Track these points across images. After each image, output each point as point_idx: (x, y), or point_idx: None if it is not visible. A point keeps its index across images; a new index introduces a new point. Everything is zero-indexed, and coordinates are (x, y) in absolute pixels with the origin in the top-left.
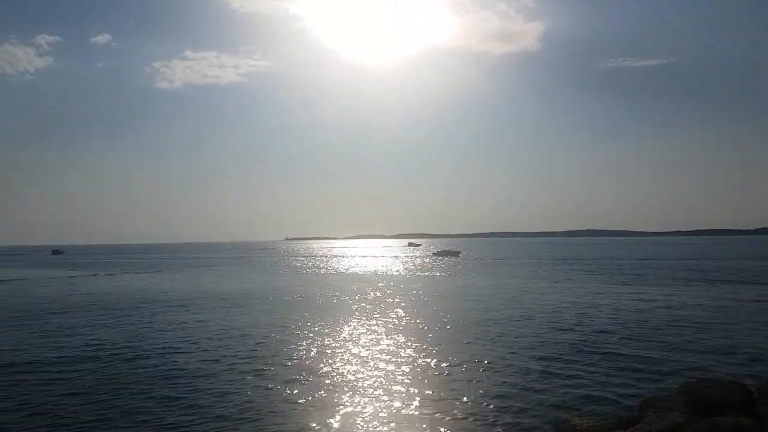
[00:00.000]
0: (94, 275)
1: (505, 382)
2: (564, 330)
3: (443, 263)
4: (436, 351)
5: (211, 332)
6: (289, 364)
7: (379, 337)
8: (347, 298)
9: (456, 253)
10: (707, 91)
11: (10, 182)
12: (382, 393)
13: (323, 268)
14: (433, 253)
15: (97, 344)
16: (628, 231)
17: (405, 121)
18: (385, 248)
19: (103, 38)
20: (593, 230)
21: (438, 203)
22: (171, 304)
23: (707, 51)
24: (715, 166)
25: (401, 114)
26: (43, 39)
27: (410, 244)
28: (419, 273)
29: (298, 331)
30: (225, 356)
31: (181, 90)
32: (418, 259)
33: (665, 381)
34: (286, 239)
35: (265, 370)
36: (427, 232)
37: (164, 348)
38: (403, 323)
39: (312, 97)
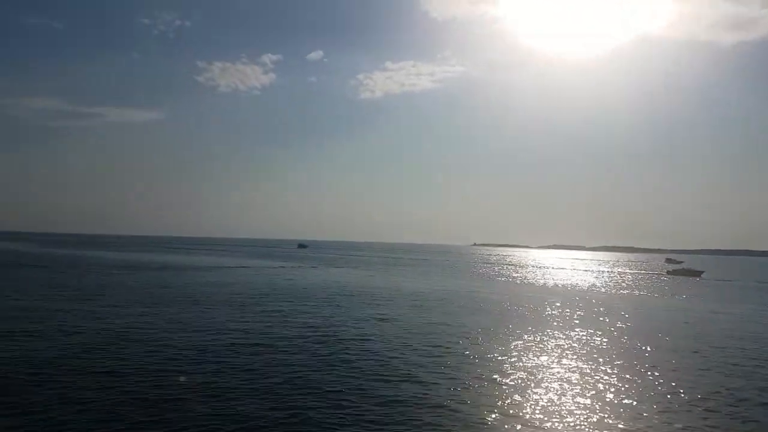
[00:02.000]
0: (299, 267)
1: None
2: None
3: (681, 285)
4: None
5: (391, 329)
6: (475, 370)
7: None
8: (554, 312)
9: (697, 273)
10: None
11: (250, 181)
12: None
13: (520, 277)
14: (668, 272)
15: (302, 327)
16: None
17: (611, 118)
18: (601, 261)
19: (316, 55)
20: None
21: (649, 212)
22: (356, 299)
23: None
24: None
25: (606, 111)
26: (268, 58)
27: (668, 261)
28: (650, 295)
29: (487, 338)
30: (405, 354)
31: (381, 99)
32: (643, 277)
33: None
34: (474, 245)
35: (450, 374)
36: (634, 246)
37: (354, 337)
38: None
39: (509, 98)
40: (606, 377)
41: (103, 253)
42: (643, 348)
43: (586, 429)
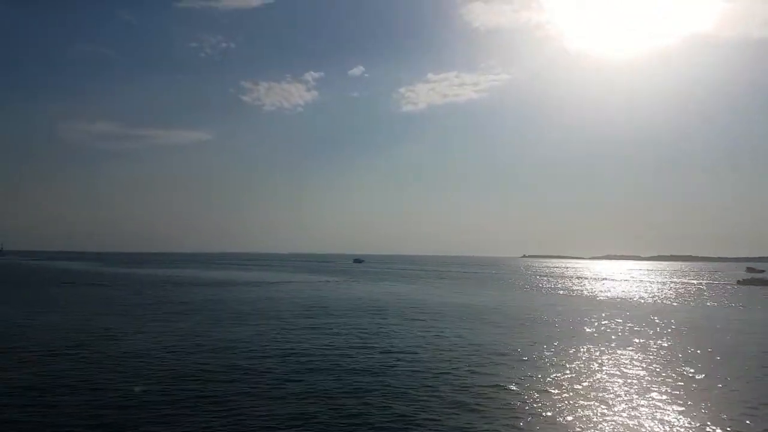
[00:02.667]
0: (346, 281)
1: None
2: None
3: (754, 296)
4: None
5: (439, 342)
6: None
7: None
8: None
9: None
10: None
11: (300, 197)
12: None
13: (578, 289)
14: (738, 282)
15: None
16: None
17: (663, 122)
18: (662, 271)
19: (357, 70)
20: None
21: (707, 220)
22: (395, 313)
23: None
24: None
25: (658, 114)
26: (310, 75)
27: (749, 270)
28: (724, 305)
29: (543, 353)
30: (454, 368)
31: (424, 111)
32: (712, 287)
33: None
34: (524, 256)
35: (503, 387)
36: (693, 254)
37: (396, 349)
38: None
39: (557, 104)
40: (669, 395)
41: (161, 270)
42: (715, 366)
43: None
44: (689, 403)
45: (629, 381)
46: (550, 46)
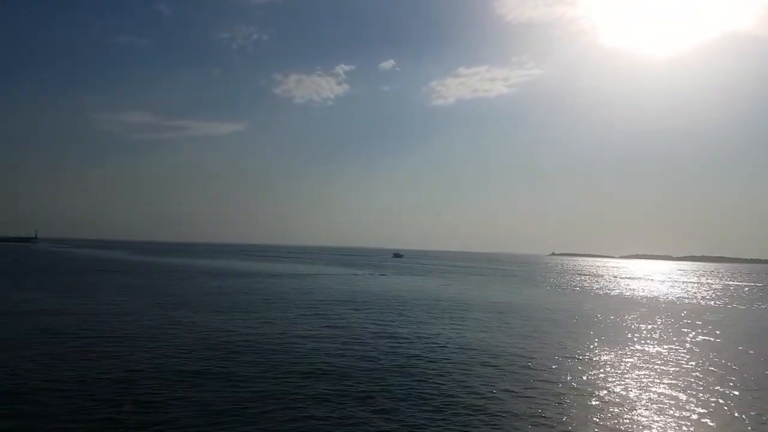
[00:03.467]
0: (371, 274)
1: None
2: None
3: None
4: None
5: (461, 341)
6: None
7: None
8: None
9: None
10: None
11: (333, 189)
12: None
13: (612, 288)
14: None
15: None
16: None
17: (698, 119)
18: (696, 272)
19: (388, 64)
20: None
21: (743, 220)
22: (410, 307)
23: None
24: None
25: (693, 111)
26: (341, 69)
27: None
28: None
29: (572, 352)
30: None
31: (453, 106)
32: (751, 289)
33: None
34: (552, 254)
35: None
36: (725, 255)
37: (420, 340)
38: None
39: (590, 100)
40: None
41: (197, 261)
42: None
43: None
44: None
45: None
46: (584, 41)
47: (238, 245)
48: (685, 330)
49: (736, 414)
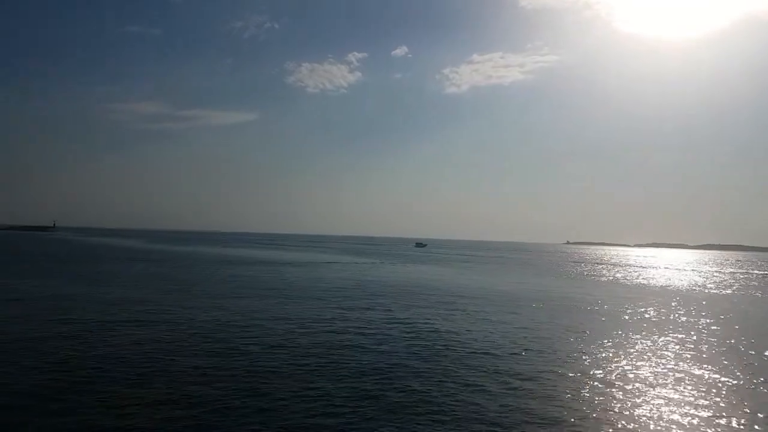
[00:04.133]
0: (381, 263)
1: None
2: None
3: None
4: None
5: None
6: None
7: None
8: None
9: None
10: None
11: (347, 179)
12: None
13: (632, 278)
14: None
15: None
16: None
17: (715, 104)
18: (716, 261)
19: (401, 51)
20: None
21: (763, 209)
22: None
23: None
24: None
25: (710, 96)
26: (353, 56)
27: None
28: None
29: (588, 341)
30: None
31: (467, 93)
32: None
33: None
34: (567, 243)
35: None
36: (744, 244)
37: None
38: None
39: (607, 86)
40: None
41: (208, 249)
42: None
43: None
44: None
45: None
46: (600, 26)
47: (253, 234)
48: (727, 324)
49: None
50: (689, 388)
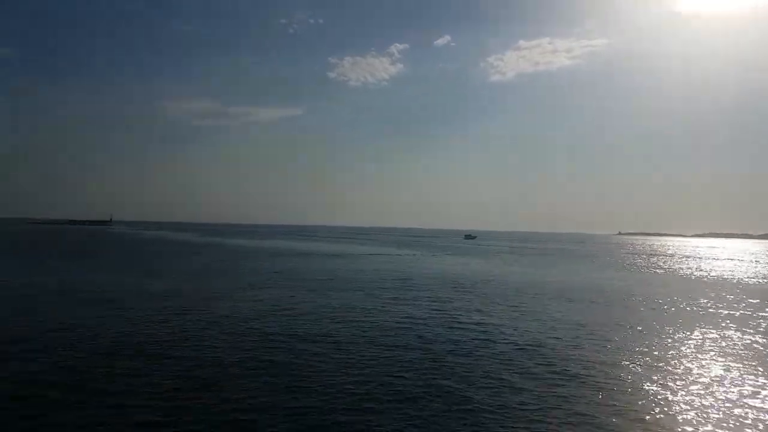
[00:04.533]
0: (433, 255)
1: None
2: None
3: None
4: None
5: (533, 322)
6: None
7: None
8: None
9: None
10: None
11: (390, 172)
12: None
13: (703, 270)
14: None
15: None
16: None
17: None
18: None
19: (443, 40)
20: None
21: None
22: (480, 289)
23: None
24: None
25: None
26: (395, 48)
27: None
28: None
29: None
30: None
31: (512, 81)
32: None
33: None
34: (619, 233)
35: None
36: None
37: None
38: None
39: (660, 69)
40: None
41: (265, 242)
42: None
43: None
44: None
45: None
46: (655, 6)
47: (305, 227)
48: None
49: None
50: (752, 387)
